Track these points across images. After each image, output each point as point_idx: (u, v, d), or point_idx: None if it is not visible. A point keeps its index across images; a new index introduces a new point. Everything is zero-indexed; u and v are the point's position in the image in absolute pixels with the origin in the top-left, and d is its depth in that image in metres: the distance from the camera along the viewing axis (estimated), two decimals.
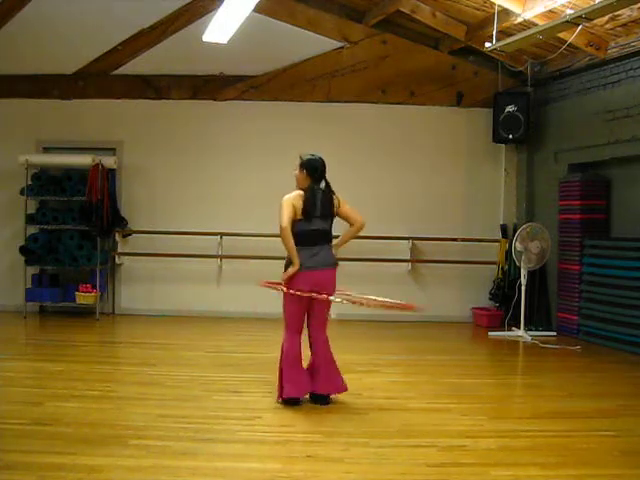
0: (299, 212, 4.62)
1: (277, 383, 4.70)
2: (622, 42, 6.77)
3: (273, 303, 5.44)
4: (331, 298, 4.62)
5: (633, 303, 6.72)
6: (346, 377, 5.50)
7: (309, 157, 4.75)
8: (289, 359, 4.66)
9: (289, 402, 4.61)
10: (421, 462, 3.60)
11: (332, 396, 4.76)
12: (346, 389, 4.77)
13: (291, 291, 4.54)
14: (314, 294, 4.56)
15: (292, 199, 4.63)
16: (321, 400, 4.69)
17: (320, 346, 4.73)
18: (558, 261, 7.95)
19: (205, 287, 8.54)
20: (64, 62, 8.36)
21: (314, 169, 4.72)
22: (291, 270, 4.55)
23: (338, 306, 4.75)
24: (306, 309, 4.70)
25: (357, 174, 8.60)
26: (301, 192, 4.69)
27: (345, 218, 4.89)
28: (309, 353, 4.76)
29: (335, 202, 4.79)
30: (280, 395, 4.67)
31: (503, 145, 8.64)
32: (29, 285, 8.29)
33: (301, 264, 4.56)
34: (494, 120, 8.31)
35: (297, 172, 4.74)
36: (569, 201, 7.82)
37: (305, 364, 4.75)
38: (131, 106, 8.55)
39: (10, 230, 8.44)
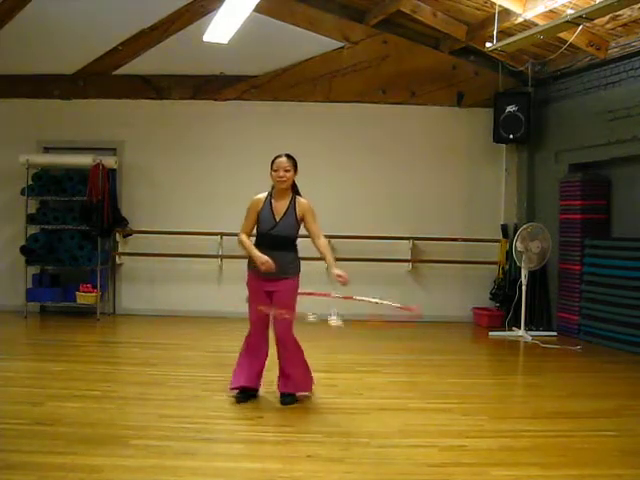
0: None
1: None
2: (623, 42, 6.77)
3: None
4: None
5: (633, 303, 6.72)
6: (347, 377, 5.54)
7: None
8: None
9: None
10: (422, 462, 3.60)
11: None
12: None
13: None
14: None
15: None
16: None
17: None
18: (559, 261, 7.95)
19: (206, 287, 8.53)
20: (65, 62, 8.37)
21: None
22: None
23: (339, 306, 4.84)
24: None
25: (357, 174, 8.61)
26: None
27: None
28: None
29: None
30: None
31: (504, 145, 8.63)
32: (30, 285, 8.29)
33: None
34: (495, 120, 8.31)
35: (292, 173, 4.62)
36: (570, 201, 7.82)
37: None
38: (132, 106, 8.55)
39: (11, 230, 8.44)
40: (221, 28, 6.66)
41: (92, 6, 7.72)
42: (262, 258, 4.49)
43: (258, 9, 6.48)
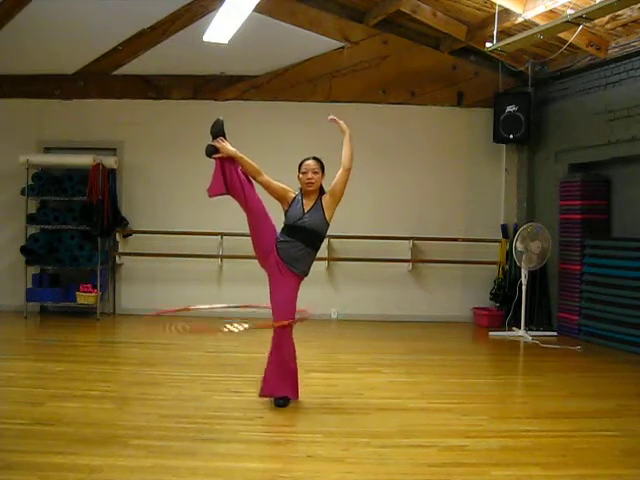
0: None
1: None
2: (623, 42, 6.77)
3: None
4: None
5: (633, 303, 6.72)
6: (347, 377, 5.54)
7: None
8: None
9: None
10: (422, 462, 3.60)
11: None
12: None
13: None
14: None
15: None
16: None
17: None
18: (559, 261, 7.95)
19: (206, 287, 8.53)
20: (65, 62, 8.37)
21: None
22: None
23: (339, 306, 4.88)
24: None
25: (357, 174, 8.46)
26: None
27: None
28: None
29: None
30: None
31: (504, 145, 8.64)
32: (30, 285, 8.29)
33: None
34: (495, 120, 8.32)
35: (320, 175, 4.78)
36: (570, 201, 7.81)
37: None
38: (132, 106, 8.55)
39: (11, 230, 8.44)
40: (221, 28, 6.66)
41: (92, 6, 7.71)
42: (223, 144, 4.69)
43: (258, 9, 6.48)
